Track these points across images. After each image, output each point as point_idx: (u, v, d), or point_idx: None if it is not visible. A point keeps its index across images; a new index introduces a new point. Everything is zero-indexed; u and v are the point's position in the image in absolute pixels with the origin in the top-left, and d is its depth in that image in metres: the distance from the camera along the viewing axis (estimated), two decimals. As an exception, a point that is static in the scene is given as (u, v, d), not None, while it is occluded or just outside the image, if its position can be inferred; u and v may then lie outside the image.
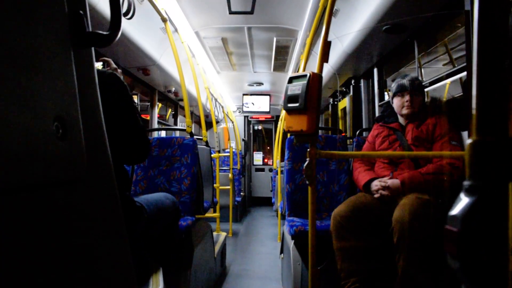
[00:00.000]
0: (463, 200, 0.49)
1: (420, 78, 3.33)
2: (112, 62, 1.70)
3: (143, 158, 1.66)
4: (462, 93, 4.03)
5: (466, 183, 0.49)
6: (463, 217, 0.48)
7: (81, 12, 0.78)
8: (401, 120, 2.49)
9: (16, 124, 0.55)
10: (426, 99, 2.51)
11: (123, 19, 2.41)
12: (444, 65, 5.03)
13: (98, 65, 1.67)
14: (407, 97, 2.38)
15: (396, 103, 2.46)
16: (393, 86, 2.50)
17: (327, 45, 1.68)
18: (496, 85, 0.47)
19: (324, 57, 1.68)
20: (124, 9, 2.43)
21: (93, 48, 0.86)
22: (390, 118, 2.54)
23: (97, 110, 0.83)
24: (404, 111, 2.40)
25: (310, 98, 1.59)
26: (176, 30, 3.49)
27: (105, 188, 0.83)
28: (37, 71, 0.62)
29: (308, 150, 1.61)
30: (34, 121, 0.59)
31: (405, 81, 2.40)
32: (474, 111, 0.49)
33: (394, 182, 2.20)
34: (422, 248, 1.82)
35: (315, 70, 1.67)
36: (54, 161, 0.63)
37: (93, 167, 0.77)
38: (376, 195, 2.23)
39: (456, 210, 0.49)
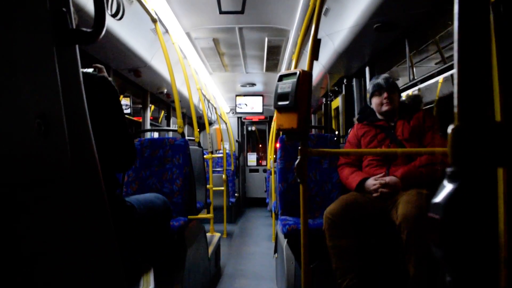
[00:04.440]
0: (446, 187, 0.48)
1: (411, 76, 3.36)
2: (104, 70, 1.67)
3: (130, 165, 1.65)
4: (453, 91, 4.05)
5: (448, 169, 0.49)
6: (446, 204, 0.47)
7: (64, 9, 0.77)
8: (381, 118, 2.53)
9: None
10: (408, 96, 2.57)
11: (113, 20, 2.40)
12: (436, 63, 5.05)
13: (90, 71, 1.65)
14: (384, 95, 2.47)
15: (375, 102, 2.53)
16: (369, 87, 2.59)
17: (316, 43, 1.68)
18: (477, 72, 0.47)
19: (314, 55, 1.68)
20: (113, 9, 2.42)
21: (77, 46, 0.85)
22: (373, 117, 2.56)
23: (81, 107, 0.82)
24: (384, 108, 2.47)
25: (300, 96, 1.59)
26: (166, 31, 3.47)
27: (91, 186, 0.82)
28: (18, 68, 0.61)
29: (299, 148, 1.60)
30: (15, 117, 0.58)
31: (380, 80, 2.51)
32: (456, 98, 0.48)
33: (392, 178, 2.21)
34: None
35: (306, 69, 1.67)
36: (36, 158, 0.62)
37: (78, 165, 0.76)
38: (375, 194, 2.23)
39: (439, 197, 0.48)
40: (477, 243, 0.46)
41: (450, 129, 0.49)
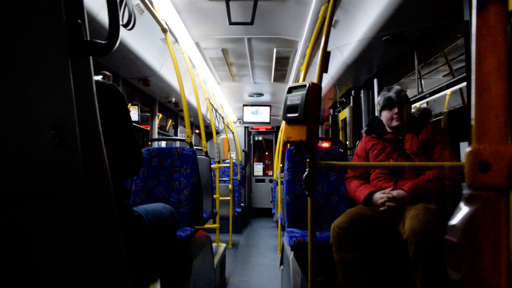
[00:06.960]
0: (463, 210, 0.48)
1: (420, 89, 3.34)
2: (111, 78, 1.70)
3: (136, 172, 1.66)
4: (462, 104, 4.04)
5: (465, 192, 0.48)
6: (464, 228, 0.46)
7: (79, 21, 0.77)
8: (389, 131, 2.51)
9: (11, 132, 0.54)
10: (417, 109, 2.54)
11: (124, 29, 2.42)
12: (444, 76, 5.04)
13: (98, 78, 1.67)
14: (395, 110, 2.42)
15: (385, 115, 2.49)
16: (380, 99, 2.53)
17: (326, 55, 1.68)
18: (495, 92, 0.46)
19: (323, 67, 1.68)
20: (125, 20, 2.44)
21: (91, 58, 0.86)
22: (381, 130, 2.54)
23: (94, 119, 0.82)
24: (394, 123, 2.43)
25: (310, 108, 1.59)
26: (176, 40, 3.50)
27: (102, 197, 0.82)
28: (34, 79, 0.61)
29: (308, 160, 1.60)
30: (30, 129, 0.58)
31: (392, 94, 2.44)
32: (473, 120, 0.48)
33: (400, 192, 2.19)
34: (438, 259, 1.78)
35: (315, 81, 1.67)
36: (50, 170, 0.62)
37: (90, 176, 0.76)
38: (383, 208, 2.21)
39: (456, 219, 0.48)
40: (495, 267, 0.45)
41: (467, 150, 0.48)
